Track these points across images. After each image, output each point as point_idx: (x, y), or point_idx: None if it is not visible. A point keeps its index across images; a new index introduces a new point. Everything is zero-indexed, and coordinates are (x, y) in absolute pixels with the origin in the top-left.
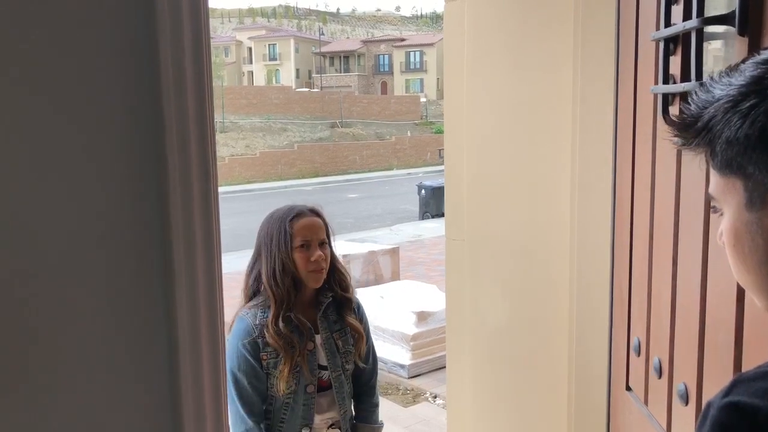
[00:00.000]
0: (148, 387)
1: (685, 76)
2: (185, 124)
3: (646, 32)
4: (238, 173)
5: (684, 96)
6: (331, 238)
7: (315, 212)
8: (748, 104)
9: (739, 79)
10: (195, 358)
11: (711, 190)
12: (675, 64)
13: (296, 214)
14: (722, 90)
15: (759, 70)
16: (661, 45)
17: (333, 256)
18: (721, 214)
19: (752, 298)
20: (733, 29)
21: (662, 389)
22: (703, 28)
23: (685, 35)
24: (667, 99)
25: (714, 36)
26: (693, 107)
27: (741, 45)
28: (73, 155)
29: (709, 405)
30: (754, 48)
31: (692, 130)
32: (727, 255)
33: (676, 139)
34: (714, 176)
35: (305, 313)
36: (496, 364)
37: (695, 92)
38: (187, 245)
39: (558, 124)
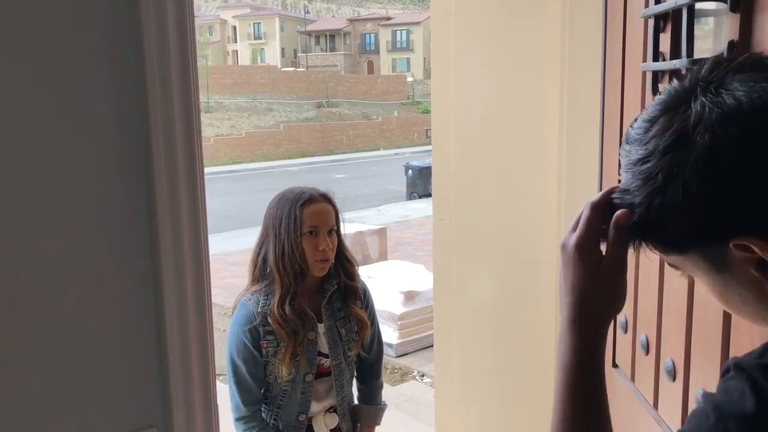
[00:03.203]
0: (136, 370)
1: (675, 54)
2: (170, 105)
3: (634, 9)
4: (223, 154)
5: (673, 73)
6: (341, 226)
7: (326, 198)
8: (657, 203)
9: (635, 182)
10: (183, 339)
11: (670, 262)
12: (664, 41)
13: (307, 199)
14: (627, 196)
15: (646, 167)
16: (651, 22)
17: (341, 244)
18: (691, 276)
19: None
20: (724, 5)
21: (649, 366)
22: (694, 5)
23: (676, 12)
24: (656, 76)
25: (705, 12)
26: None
27: (733, 21)
28: (57, 139)
29: (737, 364)
30: (746, 25)
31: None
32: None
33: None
34: (667, 256)
35: (310, 300)
36: (483, 342)
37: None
38: (174, 226)
39: (545, 103)
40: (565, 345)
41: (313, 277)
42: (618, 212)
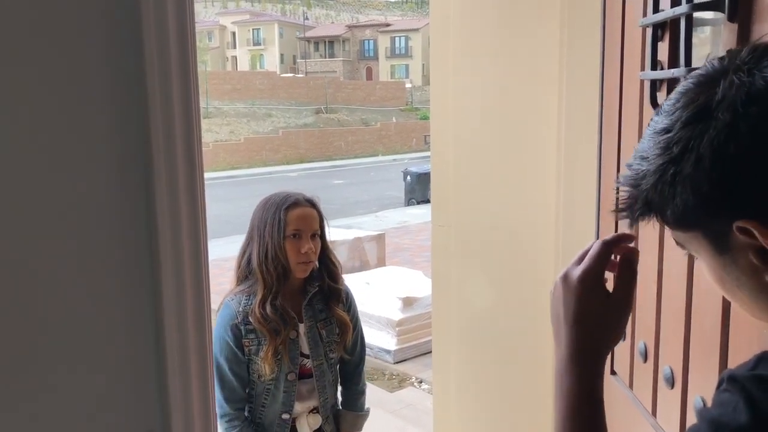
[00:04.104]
0: (135, 374)
1: (673, 63)
2: (170, 110)
3: (632, 18)
4: (222, 159)
5: (672, 82)
6: (325, 230)
7: (311, 203)
8: (670, 173)
9: (655, 151)
10: (182, 343)
11: (675, 238)
12: (663, 50)
13: (292, 203)
14: (644, 163)
15: (667, 136)
16: (649, 31)
17: (325, 247)
18: (694, 255)
19: None
20: (722, 15)
21: (647, 373)
22: (692, 14)
23: (674, 21)
24: (655, 85)
25: (703, 22)
26: (625, 184)
27: (731, 31)
28: (57, 139)
29: (731, 376)
30: (743, 34)
31: (634, 210)
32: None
33: (624, 218)
34: (673, 232)
35: (292, 301)
36: (482, 348)
37: (626, 171)
38: (174, 231)
39: (544, 110)
40: (568, 375)
41: (295, 279)
42: (630, 248)
